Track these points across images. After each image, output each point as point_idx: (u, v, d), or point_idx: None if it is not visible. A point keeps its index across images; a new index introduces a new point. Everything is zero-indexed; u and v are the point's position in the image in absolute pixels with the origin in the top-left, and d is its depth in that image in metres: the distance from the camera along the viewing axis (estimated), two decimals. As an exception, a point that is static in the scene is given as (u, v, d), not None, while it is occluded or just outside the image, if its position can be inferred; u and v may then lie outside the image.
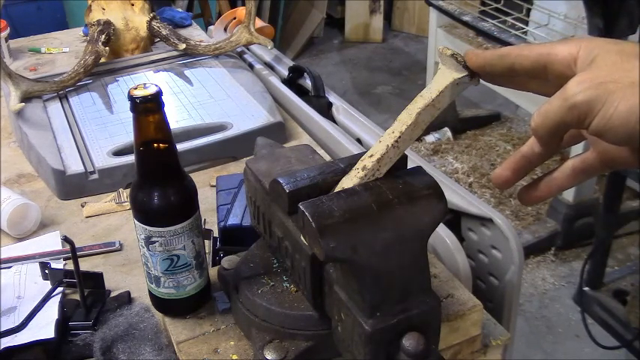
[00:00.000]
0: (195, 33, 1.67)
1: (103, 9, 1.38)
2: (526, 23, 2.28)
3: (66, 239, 0.74)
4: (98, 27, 1.33)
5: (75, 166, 1.03)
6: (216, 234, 0.84)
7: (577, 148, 0.58)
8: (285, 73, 1.40)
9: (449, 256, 0.83)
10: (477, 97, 3.20)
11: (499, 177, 0.52)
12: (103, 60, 1.32)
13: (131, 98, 0.62)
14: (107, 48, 1.32)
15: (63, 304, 0.77)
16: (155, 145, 0.65)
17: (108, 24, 1.35)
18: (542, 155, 0.50)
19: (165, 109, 0.64)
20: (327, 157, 1.02)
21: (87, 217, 0.99)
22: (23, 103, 1.16)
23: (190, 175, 0.69)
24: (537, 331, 2.01)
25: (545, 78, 0.47)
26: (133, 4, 1.40)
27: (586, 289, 1.89)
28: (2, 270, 0.86)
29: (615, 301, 1.85)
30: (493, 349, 0.75)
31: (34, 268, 0.84)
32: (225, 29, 1.57)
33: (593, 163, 0.50)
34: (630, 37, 1.85)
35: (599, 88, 0.42)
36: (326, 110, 1.27)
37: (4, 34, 1.54)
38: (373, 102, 3.42)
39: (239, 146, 1.09)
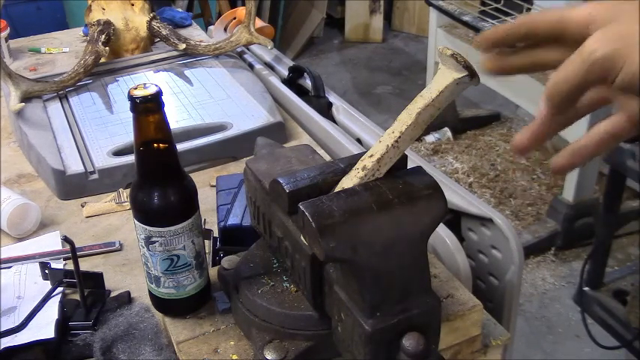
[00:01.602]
0: (195, 33, 1.67)
1: (103, 9, 1.38)
2: (526, 23, 2.27)
3: (66, 239, 0.74)
4: (98, 27, 1.33)
5: (75, 166, 1.03)
6: (216, 234, 0.84)
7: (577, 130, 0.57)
8: (285, 73, 1.40)
9: (449, 256, 0.83)
10: (477, 97, 3.19)
11: (518, 144, 0.50)
12: (103, 60, 1.32)
13: (131, 98, 0.62)
14: (107, 48, 1.32)
15: (63, 304, 0.77)
16: (155, 145, 0.65)
17: (108, 24, 1.35)
18: (561, 122, 0.49)
19: (166, 109, 0.64)
20: (327, 157, 1.02)
21: (87, 217, 0.99)
22: (23, 103, 1.16)
23: (190, 175, 0.69)
24: (537, 331, 2.01)
25: (562, 43, 0.47)
26: (133, 4, 1.40)
27: (586, 289, 1.89)
28: (2, 270, 0.85)
29: (615, 301, 1.85)
30: (493, 349, 0.75)
31: (34, 268, 0.84)
32: (225, 29, 1.57)
33: (623, 125, 0.49)
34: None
35: (620, 41, 0.41)
36: (326, 110, 1.27)
37: (4, 34, 1.54)
38: (373, 102, 3.42)
39: (239, 146, 1.09)
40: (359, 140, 1.14)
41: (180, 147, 1.02)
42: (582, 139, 0.50)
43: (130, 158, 1.02)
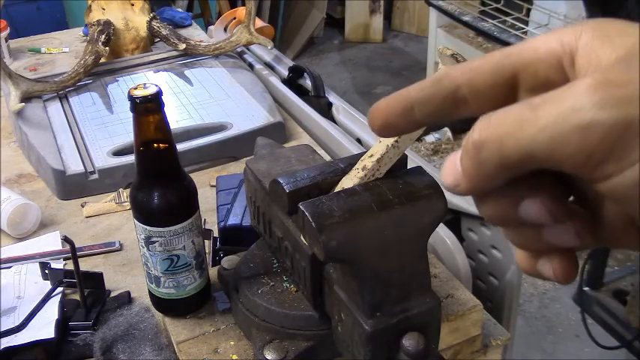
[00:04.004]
0: (195, 33, 1.67)
1: (103, 9, 1.38)
2: (526, 23, 2.28)
3: (66, 239, 0.74)
4: (98, 27, 1.33)
5: (75, 166, 1.03)
6: (216, 234, 0.84)
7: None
8: (285, 73, 1.40)
9: (449, 256, 0.83)
10: (477, 97, 3.19)
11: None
12: (103, 60, 1.32)
13: (131, 98, 0.62)
14: (107, 48, 1.32)
15: (63, 304, 0.77)
16: (155, 145, 0.65)
17: (108, 24, 1.35)
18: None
19: (166, 109, 0.64)
20: (327, 157, 1.02)
21: (87, 217, 0.99)
22: (23, 103, 1.16)
23: (190, 175, 0.69)
24: (537, 331, 2.01)
25: (512, 99, 0.27)
26: (133, 4, 1.40)
27: (586, 289, 1.89)
28: (2, 270, 0.85)
29: (615, 301, 1.85)
30: (493, 349, 0.75)
31: (34, 268, 0.84)
32: (225, 29, 1.57)
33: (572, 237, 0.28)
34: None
35: (624, 106, 0.22)
36: (326, 110, 1.27)
37: (4, 34, 1.54)
38: (373, 102, 3.36)
39: (239, 146, 1.09)
40: (359, 140, 1.14)
41: (180, 147, 1.02)
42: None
43: (130, 158, 1.02)
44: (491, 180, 0.26)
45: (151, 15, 1.40)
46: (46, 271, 0.80)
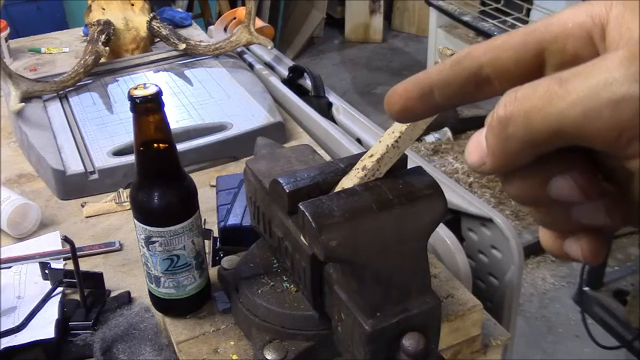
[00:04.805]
0: (195, 33, 1.67)
1: (103, 9, 1.38)
2: (526, 23, 2.27)
3: (66, 239, 0.74)
4: (98, 27, 1.33)
5: (75, 166, 1.03)
6: (216, 234, 0.84)
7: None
8: (285, 73, 1.40)
9: (449, 256, 0.83)
10: (477, 97, 3.19)
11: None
12: (103, 60, 1.32)
13: (131, 98, 0.62)
14: (107, 48, 1.32)
15: (63, 304, 0.77)
16: (155, 145, 0.65)
17: (108, 24, 1.35)
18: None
19: (166, 109, 0.64)
20: (327, 157, 1.02)
21: (87, 217, 0.99)
22: (23, 103, 1.16)
23: (190, 175, 0.69)
24: (537, 331, 2.01)
25: (539, 74, 0.26)
26: (133, 4, 1.40)
27: (586, 289, 1.89)
28: (2, 270, 0.85)
29: (615, 301, 1.85)
30: (493, 349, 0.75)
31: (34, 268, 0.84)
32: (225, 29, 1.57)
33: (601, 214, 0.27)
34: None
35: None
36: (326, 110, 1.27)
37: (4, 34, 1.54)
38: (373, 102, 3.42)
39: (239, 146, 1.09)
40: (359, 140, 1.14)
41: (180, 147, 1.02)
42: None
43: (130, 158, 1.02)
44: (518, 157, 0.25)
45: (151, 15, 1.40)
46: (46, 271, 0.80)
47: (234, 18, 1.56)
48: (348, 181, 0.57)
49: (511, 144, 0.24)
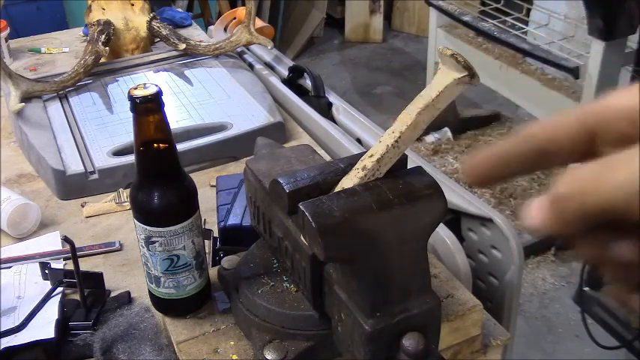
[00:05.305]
0: (195, 33, 1.67)
1: (103, 9, 1.38)
2: (526, 23, 2.28)
3: (66, 239, 0.74)
4: (98, 27, 1.33)
5: (75, 166, 1.03)
6: (216, 234, 0.84)
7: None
8: (285, 73, 1.40)
9: (449, 256, 0.83)
10: (477, 97, 3.19)
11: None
12: (103, 60, 1.32)
13: (131, 98, 0.62)
14: (107, 48, 1.32)
15: (63, 304, 0.77)
16: (155, 145, 0.65)
17: (108, 24, 1.35)
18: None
19: (166, 109, 0.64)
20: (327, 157, 1.02)
21: (87, 217, 0.99)
22: (23, 103, 1.16)
23: (190, 175, 0.69)
24: (537, 331, 2.01)
25: (592, 154, 0.30)
26: (133, 4, 1.40)
27: (586, 289, 1.89)
28: (2, 270, 0.85)
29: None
30: (493, 349, 0.75)
31: (34, 268, 0.84)
32: (225, 29, 1.57)
33: None
34: (630, 37, 1.85)
35: None
36: (326, 110, 1.27)
37: (4, 34, 1.54)
38: (373, 102, 3.42)
39: (239, 146, 1.09)
40: (359, 140, 1.14)
41: (180, 147, 1.02)
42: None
43: (130, 158, 1.02)
44: (574, 226, 0.28)
45: (151, 15, 1.40)
46: (46, 271, 0.80)
47: (234, 18, 1.56)
48: (348, 181, 0.57)
49: (567, 216, 0.28)
